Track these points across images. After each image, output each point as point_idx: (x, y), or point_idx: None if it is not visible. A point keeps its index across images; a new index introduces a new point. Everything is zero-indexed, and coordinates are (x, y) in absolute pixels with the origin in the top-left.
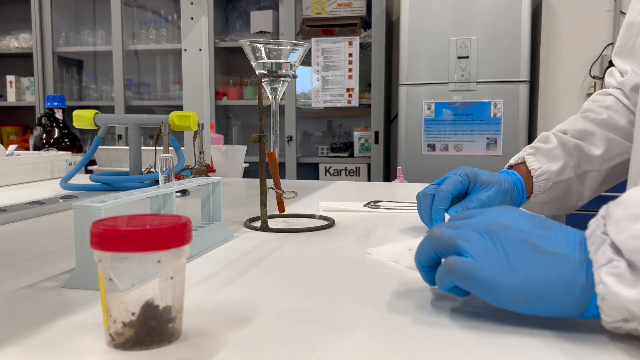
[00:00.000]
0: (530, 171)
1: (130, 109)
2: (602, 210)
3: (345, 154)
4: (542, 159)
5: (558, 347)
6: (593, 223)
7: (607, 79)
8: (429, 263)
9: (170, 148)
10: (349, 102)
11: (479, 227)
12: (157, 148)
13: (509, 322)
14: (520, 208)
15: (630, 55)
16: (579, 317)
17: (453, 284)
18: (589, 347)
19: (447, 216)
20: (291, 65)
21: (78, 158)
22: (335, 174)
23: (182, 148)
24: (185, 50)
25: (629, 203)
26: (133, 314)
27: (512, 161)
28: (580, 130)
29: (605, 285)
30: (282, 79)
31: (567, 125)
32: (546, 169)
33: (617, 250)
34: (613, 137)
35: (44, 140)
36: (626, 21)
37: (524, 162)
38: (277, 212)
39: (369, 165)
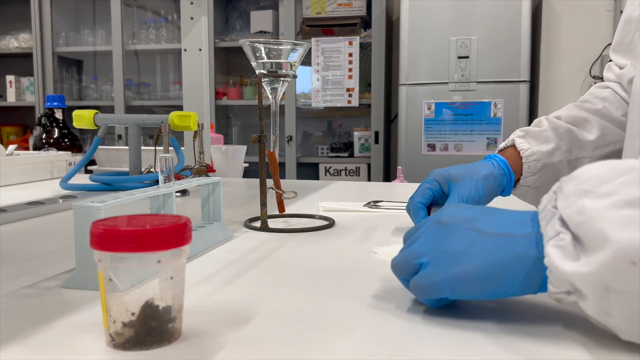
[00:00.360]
0: (519, 152)
1: (130, 109)
2: (555, 185)
3: (345, 154)
4: (532, 141)
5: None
6: (545, 198)
7: (606, 74)
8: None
9: (170, 148)
10: (349, 102)
11: (428, 233)
12: (157, 148)
13: (509, 322)
14: (472, 205)
15: (628, 50)
16: (539, 292)
17: (436, 300)
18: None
19: None
20: (291, 65)
21: (78, 158)
22: (335, 174)
23: (182, 148)
24: (185, 50)
25: (579, 179)
26: (133, 314)
27: (502, 145)
28: (574, 117)
29: (549, 257)
30: (282, 79)
31: (561, 112)
32: (536, 150)
33: (564, 223)
34: (607, 125)
35: (44, 140)
36: (624, 17)
37: (513, 145)
38: (277, 212)
39: (369, 165)
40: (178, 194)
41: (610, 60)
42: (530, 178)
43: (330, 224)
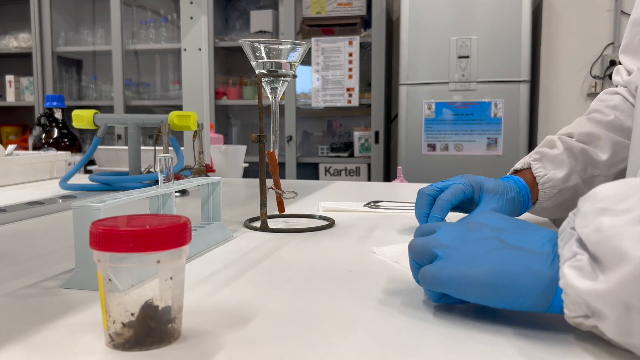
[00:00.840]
0: (535, 178)
1: (129, 109)
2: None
3: (345, 154)
4: (548, 166)
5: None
6: (566, 220)
7: (615, 77)
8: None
9: (170, 148)
10: (349, 102)
11: (456, 228)
12: (157, 148)
13: (510, 323)
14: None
15: (637, 52)
16: (546, 311)
17: (440, 294)
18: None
19: None
20: (291, 64)
21: (77, 158)
22: (335, 174)
23: (181, 148)
24: (185, 49)
25: (596, 197)
26: (132, 314)
27: (518, 166)
28: (586, 134)
29: (565, 278)
30: (282, 78)
31: (572, 129)
32: (552, 176)
33: (582, 244)
34: (619, 140)
35: (43, 140)
36: (632, 18)
37: (529, 168)
38: (277, 212)
39: (369, 165)
40: (178, 194)
41: (613, 64)
42: (546, 202)
43: (330, 224)
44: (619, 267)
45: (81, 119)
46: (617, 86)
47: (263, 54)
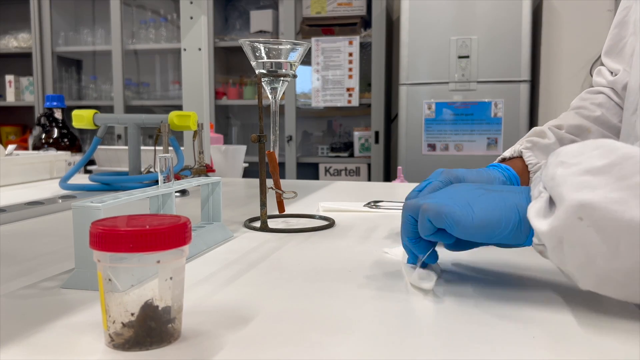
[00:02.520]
0: (527, 165)
1: (129, 109)
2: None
3: (345, 154)
4: (539, 155)
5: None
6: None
7: (596, 78)
8: (413, 235)
9: (170, 148)
10: (349, 101)
11: (445, 190)
12: (157, 148)
13: (510, 322)
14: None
15: (620, 54)
16: (524, 244)
17: (434, 228)
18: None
19: None
20: (291, 64)
21: (77, 158)
22: (335, 174)
23: (181, 148)
24: (185, 49)
25: (560, 153)
26: (132, 314)
27: (507, 154)
28: (575, 126)
29: (528, 214)
30: (282, 78)
31: (561, 121)
32: (544, 164)
33: (545, 187)
34: (608, 135)
35: (43, 140)
36: (617, 20)
37: (519, 157)
38: (277, 212)
39: (369, 165)
40: (177, 194)
41: (602, 65)
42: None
43: (330, 224)
44: (558, 208)
45: (81, 119)
46: (599, 87)
47: (263, 54)
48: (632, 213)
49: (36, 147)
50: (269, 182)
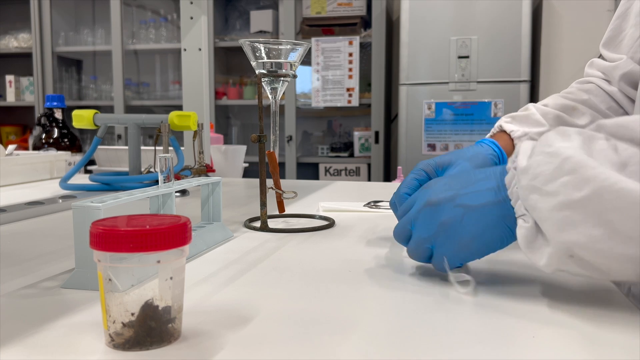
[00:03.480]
0: (509, 134)
1: (129, 109)
2: (514, 162)
3: (345, 154)
4: (522, 124)
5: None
6: (510, 173)
7: (587, 70)
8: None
9: (170, 148)
10: (349, 101)
11: (423, 215)
12: (157, 148)
13: (510, 322)
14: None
15: (620, 46)
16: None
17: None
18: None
19: None
20: (291, 64)
21: (77, 158)
22: (335, 174)
23: (181, 148)
24: (185, 49)
25: (531, 173)
26: (132, 314)
27: (488, 135)
28: (562, 105)
29: (519, 240)
30: (282, 78)
31: (547, 101)
32: (527, 131)
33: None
34: (597, 115)
35: (44, 140)
36: (619, 12)
37: (501, 131)
38: (277, 212)
39: (369, 165)
40: (178, 194)
41: (600, 56)
42: None
43: (330, 224)
44: (547, 246)
45: (81, 119)
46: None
47: (263, 54)
48: (618, 250)
49: (36, 147)
50: (269, 182)
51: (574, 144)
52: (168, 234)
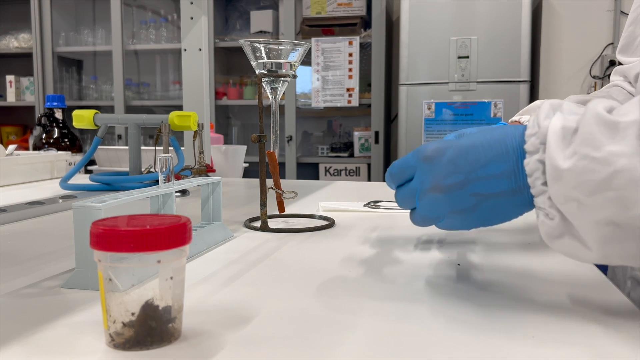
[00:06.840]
0: (521, 123)
1: (130, 109)
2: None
3: (345, 154)
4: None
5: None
6: (532, 163)
7: (612, 77)
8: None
9: (170, 148)
10: (349, 102)
11: (422, 170)
12: (157, 148)
13: (510, 323)
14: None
15: (636, 52)
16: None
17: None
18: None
19: None
20: (291, 65)
21: (78, 158)
22: (335, 174)
23: (182, 148)
24: (185, 50)
25: (570, 182)
26: (133, 314)
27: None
28: (578, 99)
29: (542, 234)
30: (282, 78)
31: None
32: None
33: (553, 204)
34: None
35: (44, 140)
36: (631, 18)
37: (513, 122)
38: (277, 212)
39: (369, 165)
40: (178, 194)
41: (612, 64)
42: None
43: (330, 224)
44: (588, 254)
45: (81, 119)
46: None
47: (263, 54)
48: None
49: (37, 147)
50: (269, 182)
51: (628, 148)
52: (168, 234)
